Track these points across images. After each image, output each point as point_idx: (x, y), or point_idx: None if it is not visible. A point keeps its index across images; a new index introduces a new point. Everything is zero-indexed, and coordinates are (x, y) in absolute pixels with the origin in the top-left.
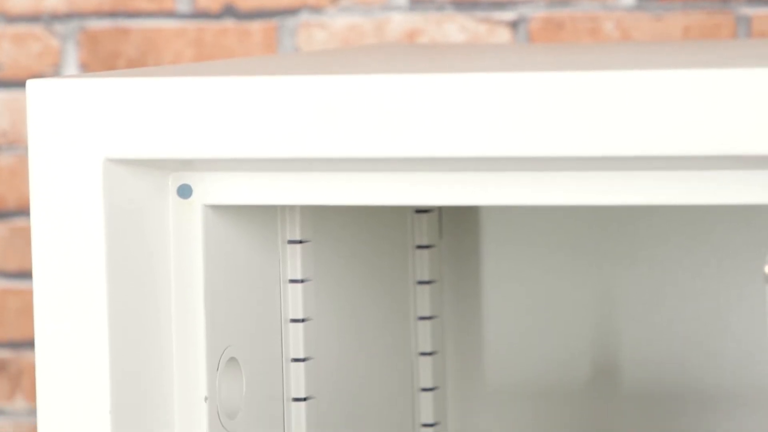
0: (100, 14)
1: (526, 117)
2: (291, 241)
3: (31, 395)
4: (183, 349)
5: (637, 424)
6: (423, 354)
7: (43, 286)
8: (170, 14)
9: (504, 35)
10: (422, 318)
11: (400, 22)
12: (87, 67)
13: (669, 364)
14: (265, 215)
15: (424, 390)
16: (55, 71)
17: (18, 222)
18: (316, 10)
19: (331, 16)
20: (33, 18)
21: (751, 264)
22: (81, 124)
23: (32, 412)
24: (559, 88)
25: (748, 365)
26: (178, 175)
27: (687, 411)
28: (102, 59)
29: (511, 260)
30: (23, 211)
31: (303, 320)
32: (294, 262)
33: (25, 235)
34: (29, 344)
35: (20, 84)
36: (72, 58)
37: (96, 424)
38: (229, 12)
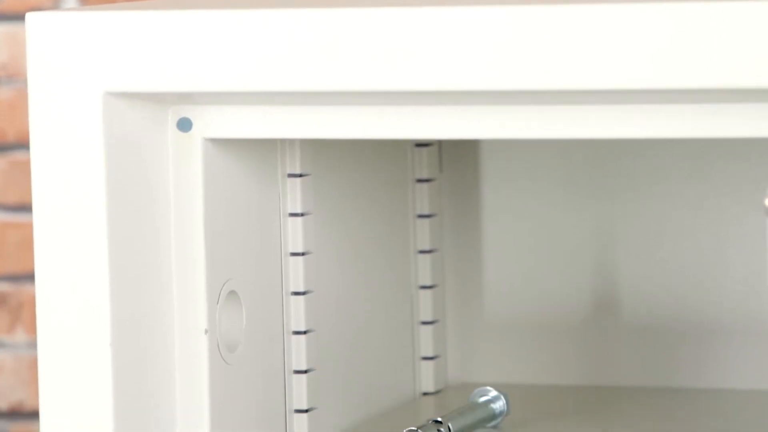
0: None
1: (527, 50)
2: (291, 175)
3: (32, 328)
4: (183, 282)
5: (637, 358)
6: (423, 287)
7: (42, 220)
8: None
9: None
10: (422, 252)
11: None
12: (86, 0)
13: (668, 298)
14: (265, 149)
15: (424, 323)
16: (55, 4)
17: (18, 155)
18: None
19: None
20: None
21: (751, 197)
22: (80, 58)
23: (32, 344)
24: (559, 22)
25: (748, 299)
26: (178, 108)
27: (686, 345)
28: None
29: (511, 194)
30: (23, 145)
31: (303, 254)
32: (294, 196)
33: (24, 168)
34: (29, 277)
35: (20, 17)
36: None
37: (96, 356)
38: None
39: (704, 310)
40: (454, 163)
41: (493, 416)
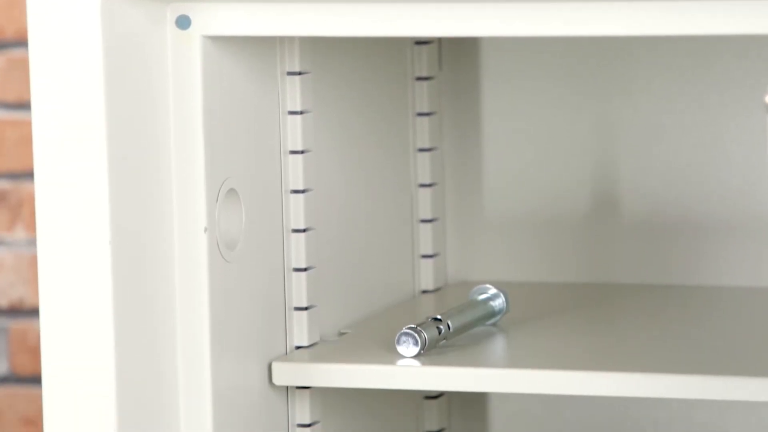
0: None
1: None
2: (290, 73)
3: (31, 226)
4: (183, 180)
5: (635, 255)
6: (422, 186)
7: (41, 118)
8: None
9: None
10: (422, 150)
11: None
12: None
13: (667, 196)
14: (264, 46)
15: (424, 221)
16: None
17: (16, 53)
18: None
19: None
20: None
21: (751, 94)
22: None
23: (32, 242)
24: None
25: (747, 196)
26: (177, 5)
27: (685, 242)
28: None
29: (511, 92)
30: (21, 42)
31: (302, 152)
32: (293, 94)
33: (23, 66)
34: (29, 175)
35: None
36: None
37: (96, 255)
38: None
39: (703, 208)
40: (453, 61)
41: (493, 314)
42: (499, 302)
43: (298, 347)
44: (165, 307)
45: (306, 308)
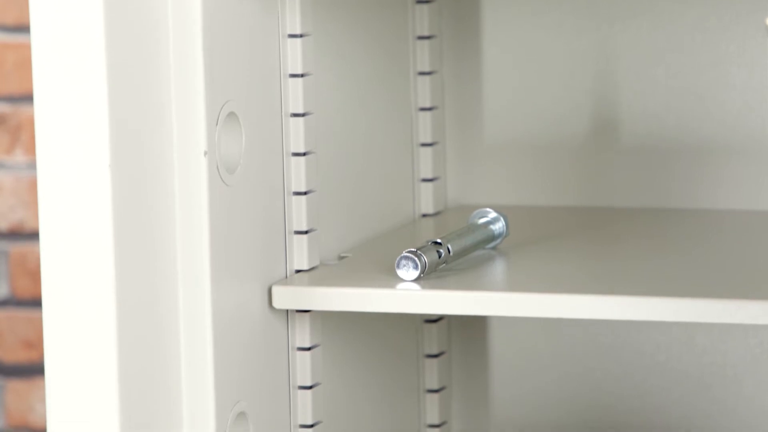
0: None
1: None
2: None
3: (31, 149)
4: (182, 103)
5: (635, 179)
6: (422, 109)
7: (40, 41)
8: None
9: None
10: (422, 74)
11: None
12: None
13: (668, 119)
14: None
15: (424, 145)
16: None
17: None
18: None
19: None
20: None
21: (752, 17)
22: None
23: (32, 165)
24: None
25: (747, 118)
26: None
27: (685, 165)
28: None
29: (511, 15)
30: None
31: (302, 75)
32: (293, 17)
33: None
34: (28, 98)
35: None
36: None
37: (95, 178)
38: None
39: (703, 131)
40: None
41: (492, 237)
42: (499, 226)
43: (297, 271)
44: (165, 231)
45: (306, 232)
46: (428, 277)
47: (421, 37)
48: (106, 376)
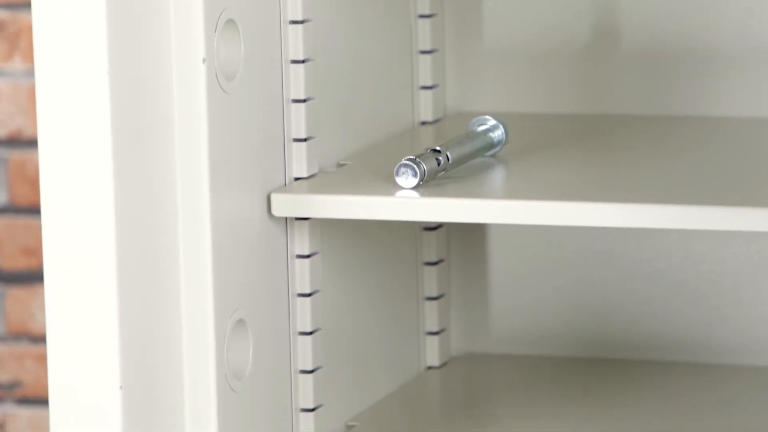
0: None
1: None
2: None
3: (29, 56)
4: (181, 10)
5: (636, 85)
6: (422, 17)
7: None
8: None
9: None
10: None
11: None
12: None
13: (669, 23)
14: None
15: (423, 52)
16: None
17: None
18: None
19: None
20: None
21: None
22: None
23: (30, 72)
24: None
25: (750, 24)
26: None
27: (686, 72)
28: None
29: None
30: None
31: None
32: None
33: None
34: (26, 5)
35: None
36: None
37: (93, 84)
38: None
39: (705, 37)
40: None
41: (492, 145)
42: (498, 133)
43: (296, 179)
44: (163, 139)
45: (305, 139)
46: (427, 184)
47: None
48: (105, 283)
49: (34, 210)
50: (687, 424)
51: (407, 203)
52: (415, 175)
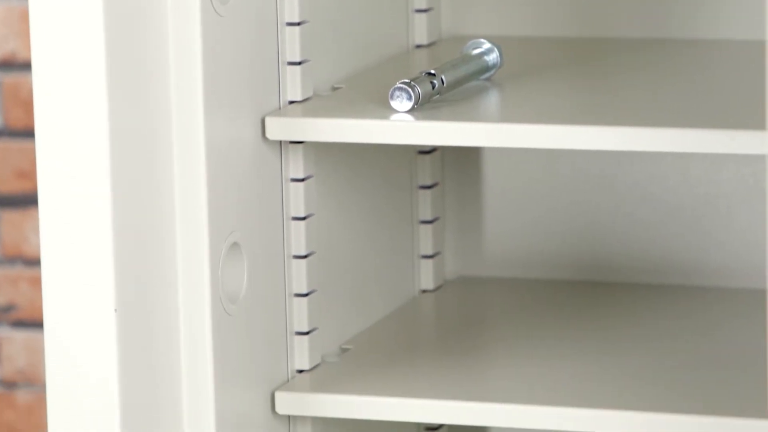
0: None
1: None
2: None
3: None
4: None
5: (632, 8)
6: None
7: None
8: None
9: None
10: None
11: None
12: None
13: None
14: None
15: None
16: None
17: None
18: None
19: None
20: None
21: None
22: None
23: None
24: None
25: None
26: None
27: None
28: None
29: None
30: None
31: None
32: None
33: None
34: None
35: None
36: None
37: (86, 7)
38: None
39: None
40: None
41: (486, 68)
42: (493, 57)
43: (291, 102)
44: (158, 61)
45: (299, 63)
46: (422, 108)
47: None
48: (99, 207)
49: (28, 133)
50: (679, 345)
51: (402, 127)
52: (409, 98)
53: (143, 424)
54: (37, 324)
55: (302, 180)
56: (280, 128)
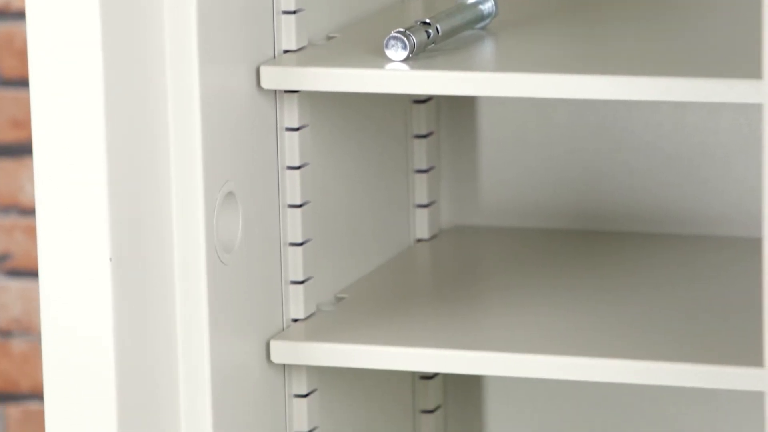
0: None
1: None
2: None
3: None
4: None
5: None
6: None
7: None
8: None
9: None
10: None
11: None
12: None
13: None
14: None
15: None
16: None
17: None
18: None
19: None
20: None
21: None
22: None
23: None
24: None
25: None
26: None
27: None
28: None
29: None
30: None
31: None
32: None
33: None
34: None
35: None
36: None
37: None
38: None
39: None
40: None
41: (482, 17)
42: (488, 5)
43: (286, 51)
44: (152, 10)
45: (294, 12)
46: (417, 57)
47: None
48: (94, 155)
49: (23, 82)
50: (675, 294)
51: (397, 76)
52: (404, 47)
53: (138, 371)
54: (32, 273)
55: (297, 129)
56: (275, 77)
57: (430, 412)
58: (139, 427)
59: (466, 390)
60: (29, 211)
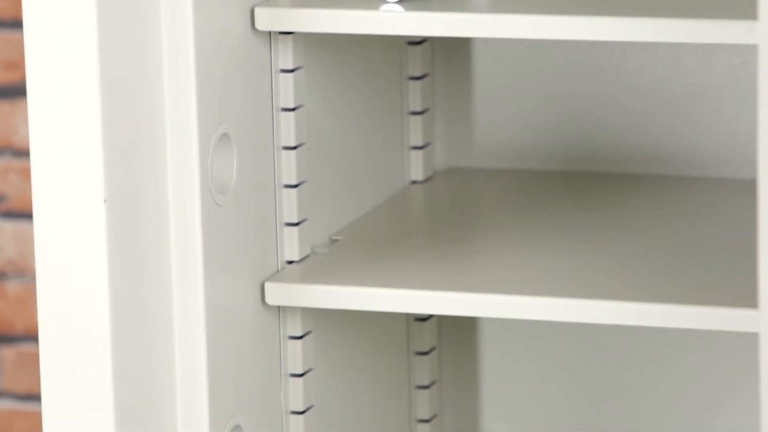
0: None
1: None
2: None
3: None
4: None
5: None
6: None
7: None
8: None
9: None
10: None
11: None
12: None
13: None
14: None
15: None
16: None
17: None
18: None
19: None
20: None
21: None
22: None
23: None
24: None
25: None
26: None
27: None
28: None
29: None
30: None
31: None
32: None
33: None
34: None
35: None
36: None
37: None
38: None
39: None
40: None
41: None
42: None
43: None
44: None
45: None
46: None
47: None
48: (88, 96)
49: (17, 24)
50: (670, 235)
51: (392, 17)
52: None
53: (132, 313)
54: (26, 215)
55: (291, 71)
56: (269, 19)
57: (425, 354)
58: (132, 367)
59: (461, 332)
60: (24, 153)
